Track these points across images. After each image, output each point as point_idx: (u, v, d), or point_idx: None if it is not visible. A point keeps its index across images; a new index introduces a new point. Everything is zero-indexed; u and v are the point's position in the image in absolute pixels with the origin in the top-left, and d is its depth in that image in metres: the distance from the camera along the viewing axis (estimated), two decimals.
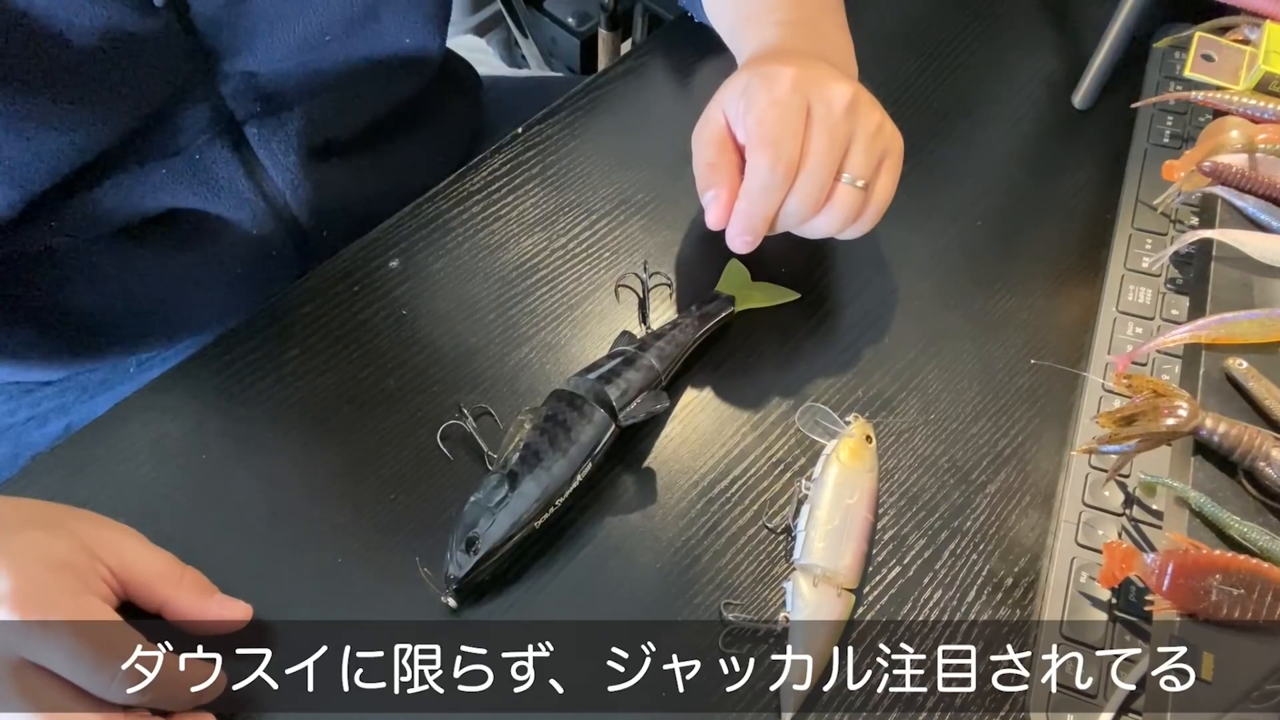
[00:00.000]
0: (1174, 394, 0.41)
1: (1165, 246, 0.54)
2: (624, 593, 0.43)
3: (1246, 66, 0.54)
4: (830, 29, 0.54)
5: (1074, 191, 0.60)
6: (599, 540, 0.44)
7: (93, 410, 0.59)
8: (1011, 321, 0.53)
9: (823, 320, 0.53)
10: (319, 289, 0.52)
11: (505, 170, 0.58)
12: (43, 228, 0.48)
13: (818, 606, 0.41)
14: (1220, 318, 0.43)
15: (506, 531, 0.41)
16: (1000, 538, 0.46)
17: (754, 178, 0.44)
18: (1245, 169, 0.49)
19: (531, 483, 0.42)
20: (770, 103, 0.44)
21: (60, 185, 0.47)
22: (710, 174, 0.47)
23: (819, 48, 0.52)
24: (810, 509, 0.44)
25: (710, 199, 0.46)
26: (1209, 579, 0.36)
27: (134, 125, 0.46)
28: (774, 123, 0.44)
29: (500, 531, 0.41)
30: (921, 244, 0.56)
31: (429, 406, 0.48)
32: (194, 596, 0.39)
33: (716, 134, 0.47)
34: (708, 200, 0.46)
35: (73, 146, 0.45)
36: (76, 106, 0.43)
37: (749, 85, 0.45)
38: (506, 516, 0.41)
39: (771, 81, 0.44)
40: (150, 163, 0.49)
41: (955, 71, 0.66)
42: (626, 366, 0.46)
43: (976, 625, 0.43)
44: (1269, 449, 0.38)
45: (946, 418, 0.50)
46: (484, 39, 1.34)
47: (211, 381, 0.48)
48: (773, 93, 0.44)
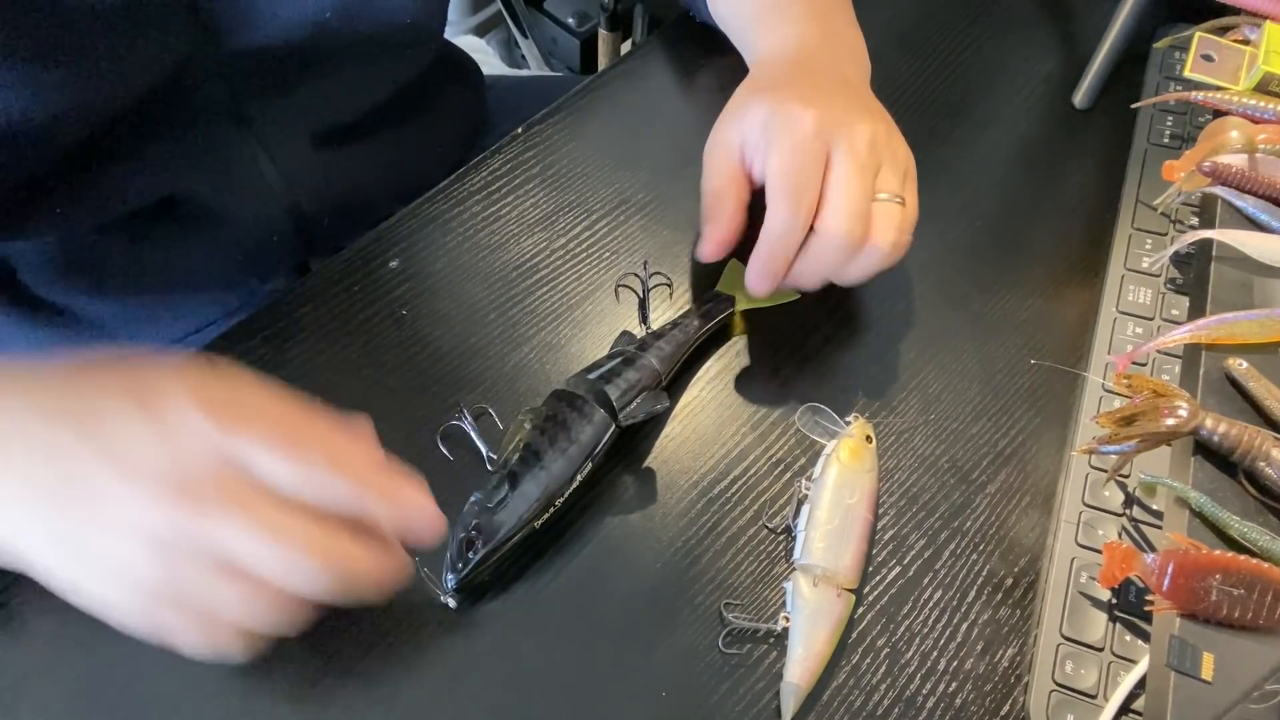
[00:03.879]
0: (1174, 394, 0.41)
1: (1165, 246, 0.54)
2: (624, 593, 0.43)
3: (1246, 66, 0.54)
4: (843, 27, 0.54)
5: (1074, 191, 0.60)
6: (599, 540, 0.44)
7: None
8: (1011, 321, 0.53)
9: (823, 320, 0.53)
10: (319, 289, 0.52)
11: (505, 170, 0.58)
12: (47, 215, 0.48)
13: (818, 606, 0.41)
14: (1220, 318, 0.43)
15: (507, 531, 0.41)
16: (1000, 538, 0.46)
17: (775, 224, 0.44)
18: (1245, 169, 0.49)
19: (531, 483, 0.42)
20: (793, 148, 0.44)
21: (64, 166, 0.47)
22: (715, 204, 0.47)
23: (833, 47, 0.52)
24: (810, 509, 0.44)
25: (708, 233, 0.46)
26: (1209, 579, 0.36)
27: (136, 97, 0.46)
28: (796, 172, 0.43)
29: (500, 531, 0.41)
30: (921, 244, 0.56)
31: (429, 406, 0.48)
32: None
33: (728, 161, 0.47)
34: (706, 233, 0.47)
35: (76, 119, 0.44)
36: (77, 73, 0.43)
37: (770, 123, 0.45)
38: (506, 516, 0.41)
39: (794, 124, 0.44)
40: (154, 142, 0.49)
41: (955, 71, 0.66)
42: (626, 366, 0.46)
43: (976, 625, 0.43)
44: (1269, 449, 0.39)
45: (946, 418, 0.50)
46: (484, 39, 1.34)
47: None
48: (795, 136, 0.44)
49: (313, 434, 0.34)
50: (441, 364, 0.49)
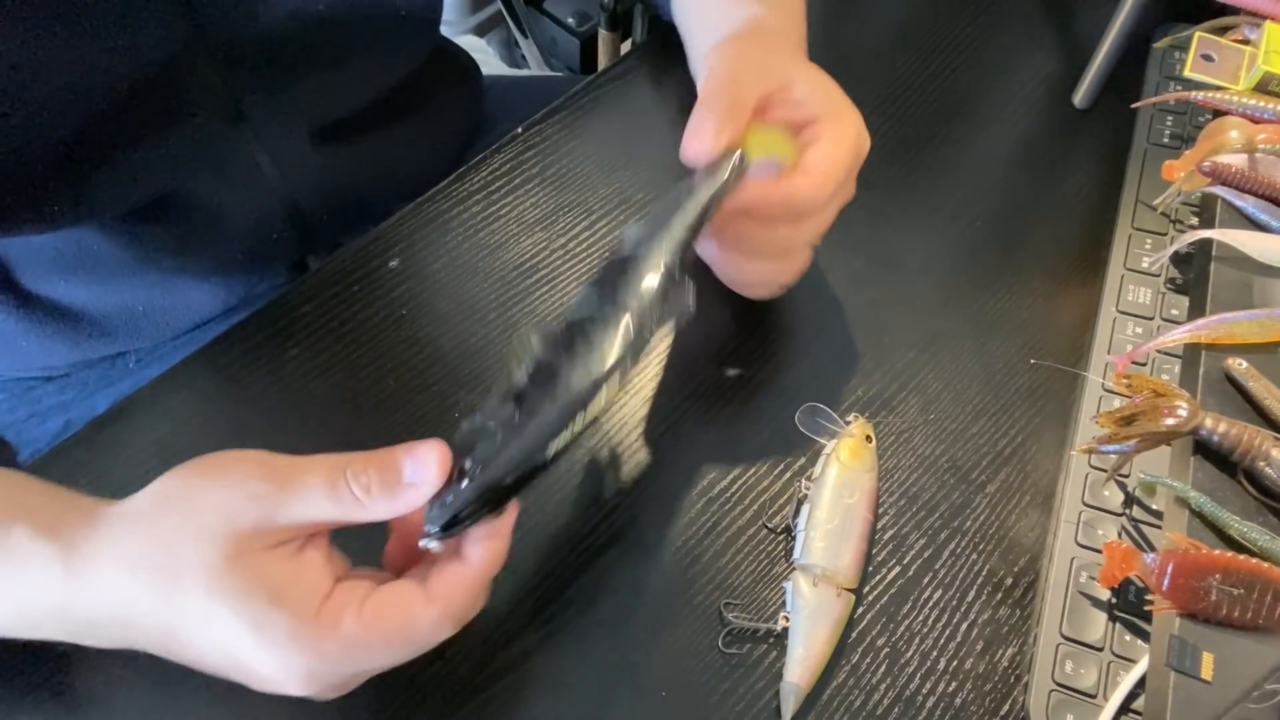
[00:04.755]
0: (1174, 394, 0.41)
1: (1165, 246, 0.54)
2: (624, 593, 0.43)
3: (1246, 66, 0.54)
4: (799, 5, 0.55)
5: (1074, 191, 0.60)
6: (599, 540, 0.44)
7: (92, 408, 0.59)
8: (1011, 321, 0.53)
9: (823, 320, 0.53)
10: (319, 289, 0.52)
11: (505, 170, 0.58)
12: (43, 215, 0.48)
13: (818, 606, 0.41)
14: (1220, 318, 0.43)
15: (510, 460, 0.34)
16: (1000, 538, 0.46)
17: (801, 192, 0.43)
18: (1245, 169, 0.49)
19: (545, 400, 0.35)
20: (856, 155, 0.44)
21: (58, 164, 0.46)
22: (732, 106, 0.42)
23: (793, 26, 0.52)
24: (810, 509, 0.44)
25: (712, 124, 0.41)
26: (1209, 579, 0.36)
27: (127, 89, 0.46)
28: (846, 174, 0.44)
29: (501, 458, 0.34)
30: (921, 244, 0.56)
31: (429, 406, 0.48)
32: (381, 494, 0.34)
33: (760, 83, 0.44)
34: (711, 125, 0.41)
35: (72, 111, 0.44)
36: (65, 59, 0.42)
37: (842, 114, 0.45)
38: (510, 442, 0.34)
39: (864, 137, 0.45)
40: (150, 139, 0.48)
41: (955, 71, 0.66)
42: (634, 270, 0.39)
43: (976, 625, 0.43)
44: (1269, 449, 0.39)
45: (946, 418, 0.50)
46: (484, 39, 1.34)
47: (211, 381, 0.48)
48: (859, 149, 0.44)
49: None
50: (441, 364, 0.49)
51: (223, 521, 0.32)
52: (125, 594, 0.33)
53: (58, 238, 0.52)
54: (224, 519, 0.32)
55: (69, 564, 0.33)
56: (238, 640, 0.32)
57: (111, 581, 0.33)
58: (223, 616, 0.32)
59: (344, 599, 0.33)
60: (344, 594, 0.33)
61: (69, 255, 0.54)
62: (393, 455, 0.34)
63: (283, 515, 0.33)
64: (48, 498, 0.37)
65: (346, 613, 0.33)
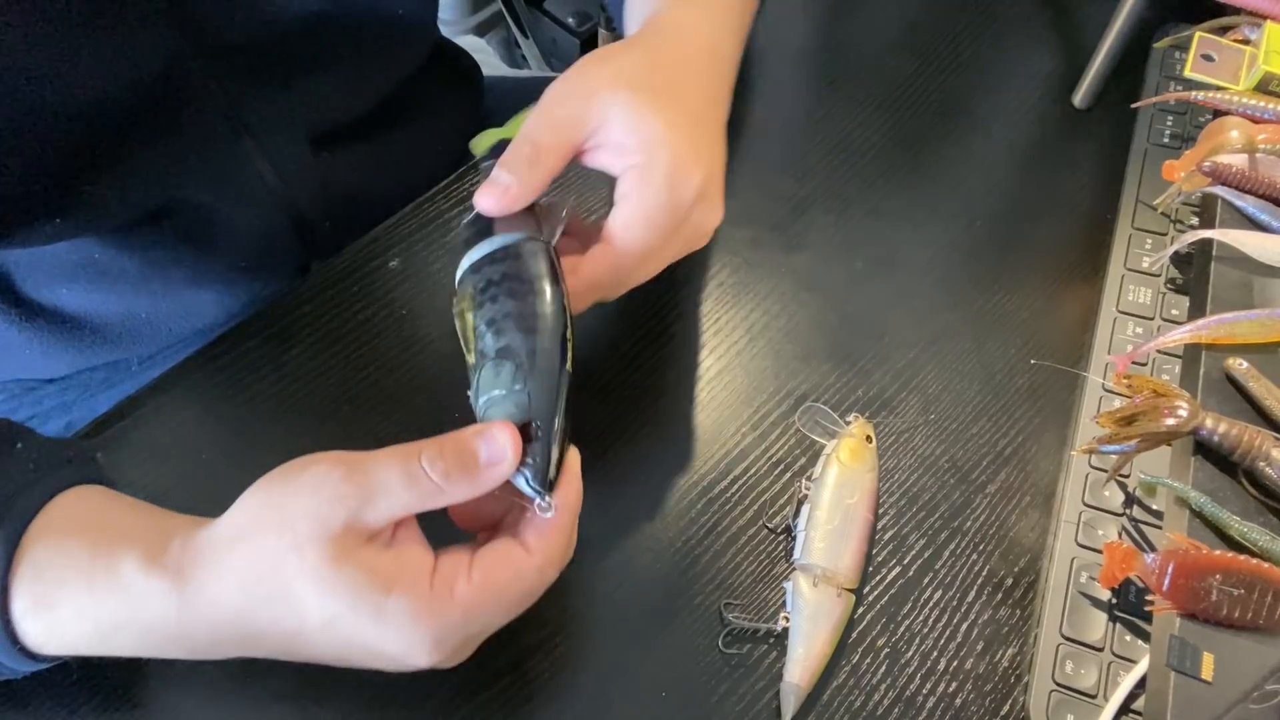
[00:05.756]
0: (1174, 394, 0.41)
1: (1165, 246, 0.54)
2: (624, 593, 0.43)
3: (1246, 66, 0.54)
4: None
5: (1074, 191, 0.60)
6: (599, 540, 0.44)
7: (94, 409, 0.59)
8: (1011, 321, 0.53)
9: (823, 320, 0.53)
10: (319, 289, 0.52)
11: None
12: (44, 225, 0.48)
13: (818, 606, 0.41)
14: (1220, 318, 0.43)
15: (548, 394, 0.36)
16: (1000, 538, 0.46)
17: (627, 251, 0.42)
18: (1245, 169, 0.49)
19: (529, 337, 0.37)
20: (671, 207, 0.42)
21: (62, 176, 0.46)
22: (533, 156, 0.42)
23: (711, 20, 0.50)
24: (810, 509, 0.44)
25: (506, 184, 0.41)
26: (1209, 579, 0.36)
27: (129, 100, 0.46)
28: (666, 232, 0.42)
29: (544, 399, 0.36)
30: (921, 244, 0.56)
31: (429, 406, 0.48)
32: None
33: (574, 129, 0.43)
34: (504, 182, 0.41)
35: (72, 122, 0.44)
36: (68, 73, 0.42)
37: (653, 157, 0.42)
38: (537, 380, 0.36)
39: (681, 177, 0.42)
40: (148, 148, 0.48)
41: (955, 71, 0.66)
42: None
43: (976, 625, 0.43)
44: (1269, 449, 0.38)
45: (946, 418, 0.50)
46: (484, 39, 1.34)
47: (211, 381, 0.48)
48: (675, 194, 0.42)
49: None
50: (441, 364, 0.49)
51: (315, 527, 0.33)
52: (243, 614, 0.34)
53: (60, 247, 0.52)
54: (316, 525, 0.33)
55: (183, 595, 0.34)
56: (362, 632, 0.34)
57: (227, 604, 0.34)
58: (342, 615, 0.33)
59: (451, 569, 0.35)
60: (449, 565, 0.35)
61: (72, 264, 0.54)
62: (464, 439, 0.36)
63: (367, 512, 0.34)
64: (142, 519, 0.37)
65: (458, 580, 0.34)
